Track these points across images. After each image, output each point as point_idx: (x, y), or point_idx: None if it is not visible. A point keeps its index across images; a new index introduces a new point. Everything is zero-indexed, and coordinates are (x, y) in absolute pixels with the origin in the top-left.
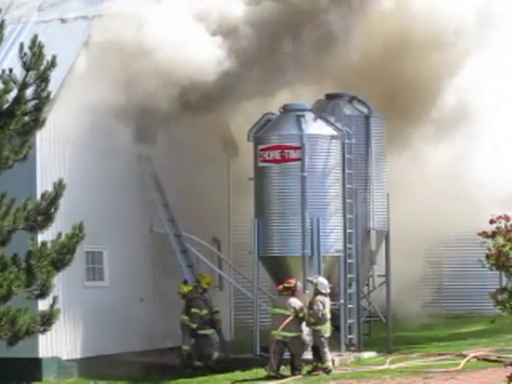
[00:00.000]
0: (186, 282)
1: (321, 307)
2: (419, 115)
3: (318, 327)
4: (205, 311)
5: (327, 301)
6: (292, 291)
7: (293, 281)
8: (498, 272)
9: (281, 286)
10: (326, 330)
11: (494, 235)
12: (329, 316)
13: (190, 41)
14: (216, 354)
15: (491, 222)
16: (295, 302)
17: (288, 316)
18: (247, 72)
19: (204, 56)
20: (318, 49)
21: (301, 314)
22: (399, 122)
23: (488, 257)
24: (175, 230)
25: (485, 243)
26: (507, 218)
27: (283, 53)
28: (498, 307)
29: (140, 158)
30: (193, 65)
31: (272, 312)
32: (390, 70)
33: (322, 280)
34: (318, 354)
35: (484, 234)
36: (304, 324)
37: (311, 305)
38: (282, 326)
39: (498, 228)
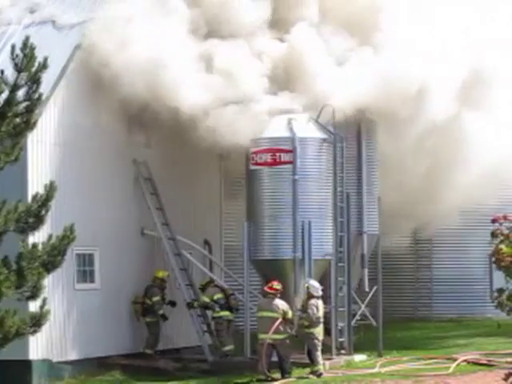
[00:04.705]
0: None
1: (315, 311)
2: None
3: (311, 330)
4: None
5: (320, 304)
6: (278, 293)
7: (276, 283)
8: (488, 275)
9: (270, 288)
10: (320, 332)
11: (493, 235)
12: (322, 319)
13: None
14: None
15: (493, 221)
16: (282, 304)
17: (276, 319)
18: None
19: None
20: None
21: (288, 316)
22: None
23: (492, 255)
24: (169, 234)
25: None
26: (506, 218)
27: None
28: (500, 309)
29: (135, 161)
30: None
31: (259, 315)
32: None
33: (314, 283)
34: (310, 357)
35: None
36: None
37: (305, 308)
38: (272, 330)
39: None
